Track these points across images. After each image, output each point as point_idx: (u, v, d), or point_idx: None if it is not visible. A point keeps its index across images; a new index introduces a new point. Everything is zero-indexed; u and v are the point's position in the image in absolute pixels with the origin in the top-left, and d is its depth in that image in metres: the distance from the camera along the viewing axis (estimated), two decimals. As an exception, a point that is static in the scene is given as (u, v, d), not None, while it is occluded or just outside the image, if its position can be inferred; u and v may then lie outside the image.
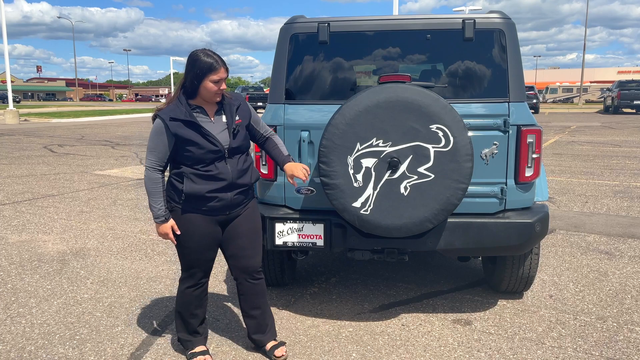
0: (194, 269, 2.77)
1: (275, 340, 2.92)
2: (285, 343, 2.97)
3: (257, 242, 2.85)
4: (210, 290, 3.53)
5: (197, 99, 2.64)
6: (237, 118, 2.69)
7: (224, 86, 2.60)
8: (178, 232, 2.67)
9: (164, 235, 2.67)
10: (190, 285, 2.79)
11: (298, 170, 2.78)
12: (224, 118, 2.68)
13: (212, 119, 2.66)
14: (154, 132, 2.60)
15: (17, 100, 62.64)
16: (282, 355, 2.83)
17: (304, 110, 3.21)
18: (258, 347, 2.94)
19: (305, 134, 3.18)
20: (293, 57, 3.27)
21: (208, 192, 2.61)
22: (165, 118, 2.57)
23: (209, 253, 2.77)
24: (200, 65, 2.54)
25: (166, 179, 2.69)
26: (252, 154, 3.07)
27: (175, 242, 2.70)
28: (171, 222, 2.66)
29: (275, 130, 3.17)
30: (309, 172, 2.83)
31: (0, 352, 2.93)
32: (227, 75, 2.61)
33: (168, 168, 2.70)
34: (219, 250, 2.84)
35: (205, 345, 2.90)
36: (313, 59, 3.28)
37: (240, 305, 2.93)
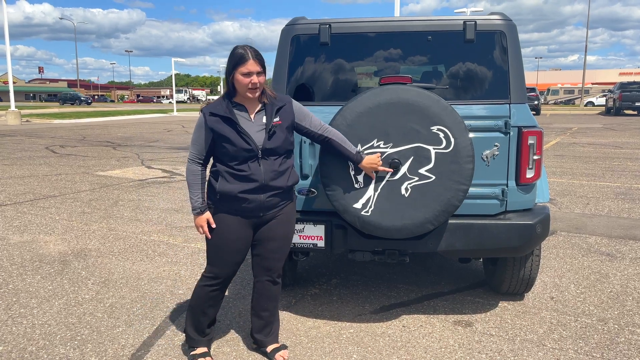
0: (218, 268, 2.76)
1: (277, 343, 2.92)
2: (287, 347, 2.96)
3: (287, 247, 2.86)
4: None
5: (238, 96, 2.65)
6: (276, 119, 2.65)
7: (255, 79, 2.53)
8: (214, 226, 2.69)
9: (200, 228, 2.70)
10: (209, 285, 2.79)
11: (378, 163, 2.79)
12: (264, 118, 2.65)
13: (252, 117, 2.65)
14: (195, 126, 2.68)
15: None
16: (284, 359, 2.83)
17: None
18: (259, 347, 2.94)
19: None
20: (294, 59, 3.27)
21: (240, 193, 2.61)
22: (206, 113, 2.63)
23: (237, 256, 2.76)
24: (231, 58, 2.56)
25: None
26: None
27: (210, 236, 2.71)
28: (207, 214, 2.69)
29: None
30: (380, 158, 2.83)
31: (2, 352, 2.94)
32: (261, 69, 2.55)
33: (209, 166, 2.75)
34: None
35: (208, 347, 2.90)
36: (314, 60, 3.29)
37: (251, 303, 2.94)
